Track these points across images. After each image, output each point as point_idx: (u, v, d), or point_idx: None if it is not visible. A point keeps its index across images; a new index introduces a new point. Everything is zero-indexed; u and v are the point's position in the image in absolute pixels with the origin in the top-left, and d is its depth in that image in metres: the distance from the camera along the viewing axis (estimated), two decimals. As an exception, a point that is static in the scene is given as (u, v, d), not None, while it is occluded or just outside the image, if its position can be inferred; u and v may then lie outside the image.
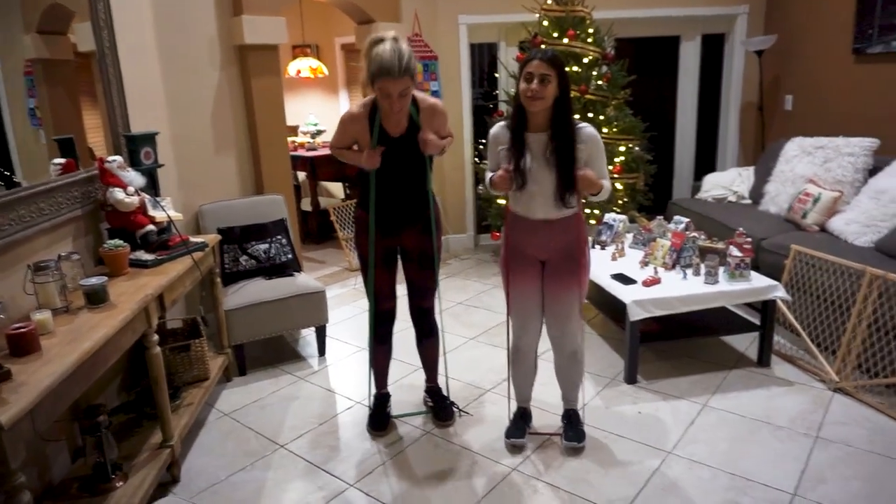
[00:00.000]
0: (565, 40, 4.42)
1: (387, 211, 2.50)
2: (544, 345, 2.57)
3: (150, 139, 2.89)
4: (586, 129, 2.26)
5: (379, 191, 2.46)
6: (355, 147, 2.48)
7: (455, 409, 2.82)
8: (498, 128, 2.36)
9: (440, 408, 2.80)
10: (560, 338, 2.46)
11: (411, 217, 2.53)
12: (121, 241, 2.44)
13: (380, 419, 2.75)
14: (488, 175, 2.40)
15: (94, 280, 2.09)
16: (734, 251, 3.06)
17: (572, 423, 2.58)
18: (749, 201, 4.58)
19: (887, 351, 2.77)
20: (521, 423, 2.62)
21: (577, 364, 2.51)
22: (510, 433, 2.58)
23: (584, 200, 2.39)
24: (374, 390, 2.81)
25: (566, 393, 2.61)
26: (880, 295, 2.79)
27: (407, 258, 2.62)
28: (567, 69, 4.58)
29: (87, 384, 1.83)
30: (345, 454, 2.59)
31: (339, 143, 2.51)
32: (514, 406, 2.68)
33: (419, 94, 2.44)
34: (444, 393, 2.87)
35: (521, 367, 2.58)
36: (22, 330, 1.74)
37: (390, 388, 2.89)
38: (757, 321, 3.20)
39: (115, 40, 2.83)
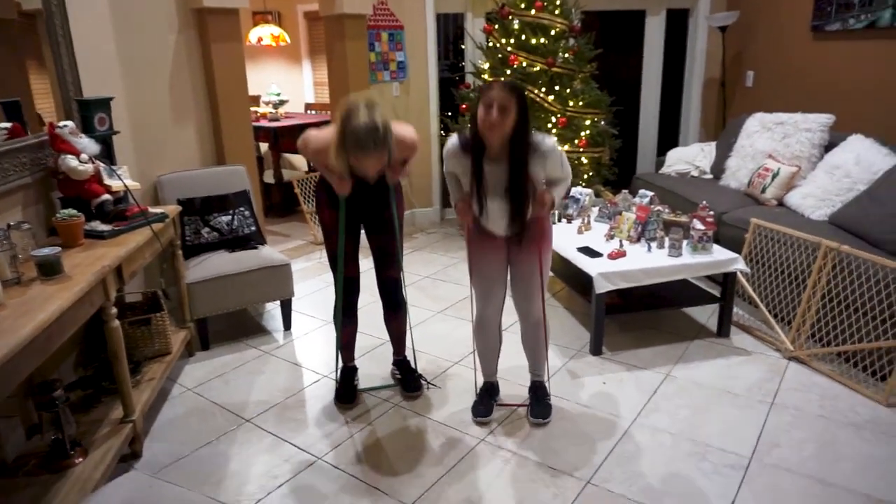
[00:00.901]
0: (532, 11, 4.38)
1: (349, 215, 2.51)
2: (511, 318, 2.59)
3: (104, 104, 2.76)
4: (545, 142, 2.20)
5: (347, 201, 2.47)
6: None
7: (423, 382, 2.82)
8: (453, 147, 2.27)
9: (408, 380, 2.80)
10: (525, 306, 2.48)
11: (372, 210, 2.55)
12: (74, 211, 2.33)
13: (347, 392, 2.74)
14: (452, 200, 2.42)
15: (46, 250, 2.00)
16: (697, 224, 3.11)
17: (539, 397, 2.61)
18: (710, 176, 4.66)
19: (839, 321, 2.88)
20: (486, 398, 2.63)
21: (542, 332, 2.54)
22: (476, 411, 2.59)
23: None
24: (340, 364, 2.79)
25: (532, 364, 2.63)
26: (834, 266, 2.89)
27: (369, 226, 2.60)
28: (534, 41, 4.54)
29: (41, 358, 1.76)
30: (312, 428, 2.57)
31: (318, 146, 2.36)
32: (480, 380, 2.70)
33: (395, 130, 2.26)
34: (412, 366, 2.86)
35: (485, 339, 2.59)
36: (-30, 302, 1.66)
37: (358, 362, 2.87)
38: (717, 293, 3.28)
39: (64, -1, 2.68)
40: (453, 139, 2.29)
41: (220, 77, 3.71)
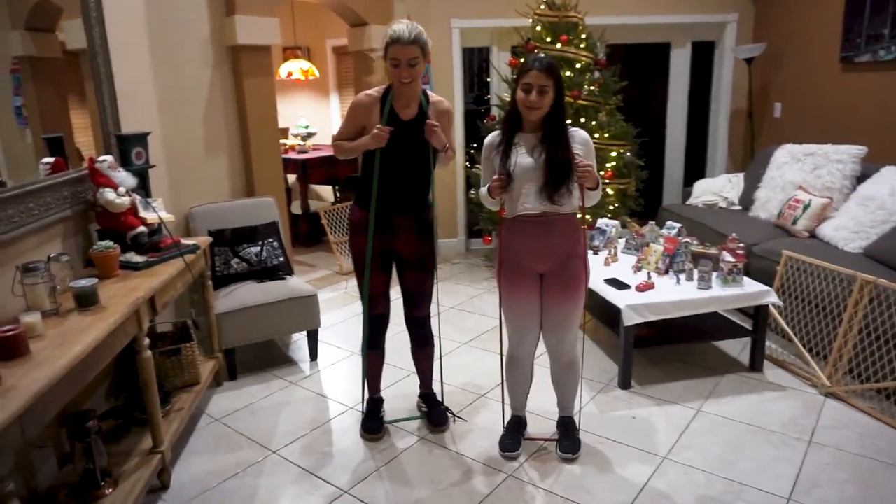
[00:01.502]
0: (558, 45, 4.43)
1: (387, 198, 2.48)
2: (541, 348, 2.56)
3: (141, 139, 2.85)
4: (579, 132, 2.31)
5: (382, 175, 2.45)
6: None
7: (449, 415, 2.80)
8: (491, 137, 2.38)
9: (434, 413, 2.78)
10: (558, 347, 2.44)
11: (409, 208, 2.52)
12: (111, 243, 2.40)
13: (373, 423, 2.73)
14: (483, 190, 2.38)
15: (84, 282, 2.05)
16: (727, 256, 3.07)
17: (568, 432, 2.57)
18: (739, 207, 4.61)
19: (878, 356, 2.79)
20: (515, 433, 2.60)
21: (574, 373, 2.50)
22: (504, 446, 2.55)
23: (587, 216, 2.39)
24: (367, 395, 2.79)
25: (562, 401, 2.59)
26: (871, 300, 2.82)
27: (402, 263, 2.59)
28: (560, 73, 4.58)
29: (77, 389, 1.79)
30: (338, 460, 2.55)
31: (344, 134, 2.51)
32: (508, 413, 2.66)
33: (431, 92, 2.54)
34: (439, 398, 2.85)
35: (517, 376, 2.56)
36: (10, 333, 1.70)
37: (384, 394, 2.86)
38: (749, 326, 3.22)
39: (107, 38, 2.79)
40: (495, 132, 2.39)
41: (251, 111, 3.80)
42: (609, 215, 4.46)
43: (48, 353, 1.72)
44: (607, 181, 4.51)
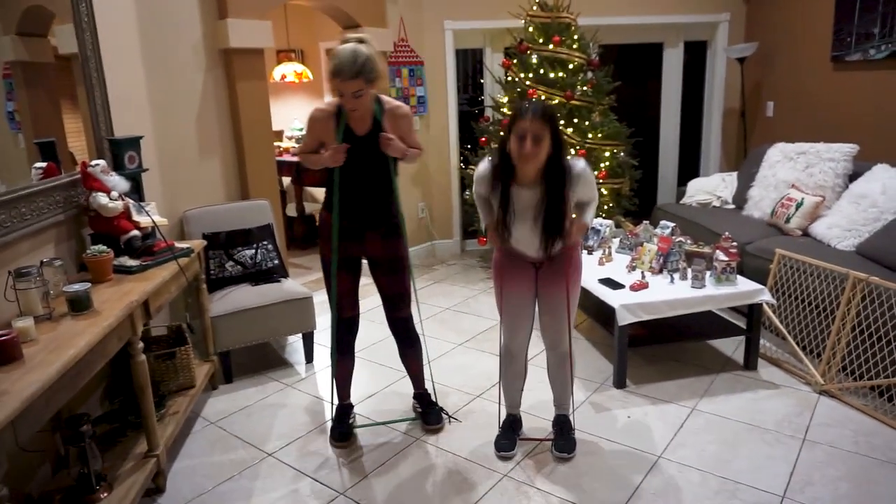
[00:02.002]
0: (550, 46, 4.45)
1: (350, 212, 2.48)
2: (537, 348, 2.57)
3: (134, 143, 2.84)
4: (577, 166, 2.19)
5: (343, 190, 2.44)
6: (322, 151, 2.45)
7: (444, 415, 2.80)
8: (485, 171, 2.26)
9: (428, 413, 2.78)
10: (554, 339, 2.46)
11: (375, 220, 2.51)
12: (104, 247, 2.39)
13: (341, 431, 2.70)
14: (483, 224, 2.41)
15: (77, 286, 2.05)
16: (720, 255, 3.08)
17: (563, 431, 2.58)
18: (733, 206, 4.63)
19: (871, 353, 2.81)
20: (510, 433, 2.61)
21: (568, 367, 2.51)
22: (500, 445, 2.56)
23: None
24: (336, 401, 2.76)
25: (558, 397, 2.60)
26: (863, 298, 2.83)
27: (374, 266, 2.59)
28: (553, 75, 4.60)
29: (71, 393, 1.79)
30: (334, 462, 2.55)
31: (306, 148, 2.51)
32: (504, 413, 2.67)
33: (385, 98, 2.47)
34: (433, 399, 2.85)
35: (511, 370, 2.57)
36: (3, 338, 1.69)
37: (382, 395, 2.86)
38: (743, 325, 3.23)
39: (99, 43, 2.79)
40: (485, 163, 2.27)
41: (245, 114, 3.80)
42: (603, 215, 4.47)
43: (41, 358, 1.72)
44: (601, 181, 4.52)
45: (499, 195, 2.21)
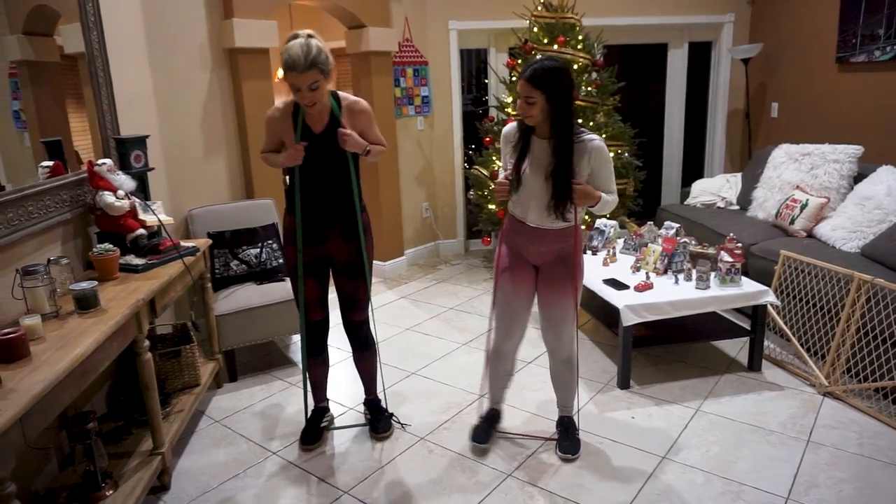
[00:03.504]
0: (555, 47, 4.45)
1: (311, 211, 2.46)
2: (541, 348, 2.57)
3: (140, 142, 2.85)
4: (593, 141, 2.21)
5: (304, 190, 2.43)
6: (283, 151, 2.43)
7: (394, 422, 2.78)
8: (510, 126, 2.36)
9: (377, 420, 2.74)
10: (556, 343, 2.45)
11: (335, 218, 2.48)
12: (111, 246, 2.40)
13: (311, 433, 2.68)
14: (501, 174, 2.37)
15: (84, 284, 2.06)
16: (725, 256, 3.08)
17: (568, 432, 2.58)
18: (737, 207, 4.63)
19: (876, 355, 2.80)
20: (488, 425, 2.63)
21: (572, 370, 2.51)
22: (476, 436, 2.59)
23: (585, 216, 2.38)
24: (311, 404, 2.75)
25: (561, 399, 2.60)
26: (868, 300, 2.83)
27: (335, 269, 2.57)
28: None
29: (77, 391, 1.80)
30: (338, 460, 2.56)
31: (267, 147, 2.50)
32: (486, 405, 2.68)
33: (343, 94, 2.44)
34: (384, 405, 2.82)
35: (499, 370, 2.58)
36: (11, 336, 1.70)
37: (393, 397, 2.86)
38: (747, 326, 3.23)
39: (105, 42, 2.80)
40: (513, 123, 2.36)
41: (249, 114, 3.81)
42: (607, 216, 4.47)
43: (48, 356, 1.73)
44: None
45: (519, 145, 2.27)
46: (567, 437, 2.56)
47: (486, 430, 2.61)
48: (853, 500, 2.20)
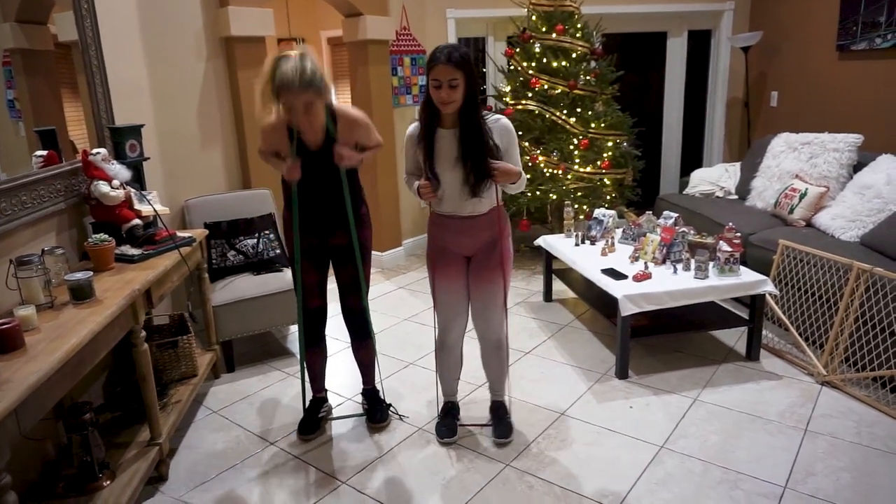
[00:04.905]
0: (553, 35, 4.42)
1: (308, 221, 2.47)
2: (536, 340, 2.56)
3: (135, 131, 2.83)
4: (500, 121, 2.23)
5: (301, 203, 2.43)
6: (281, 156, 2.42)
7: (391, 412, 2.78)
8: (412, 129, 2.32)
9: (375, 411, 2.74)
10: (485, 328, 2.46)
11: (333, 228, 2.50)
12: (106, 236, 2.39)
13: (309, 423, 2.67)
14: (414, 184, 2.35)
15: (79, 275, 2.04)
16: (724, 246, 3.07)
17: (500, 416, 2.61)
18: (736, 197, 4.61)
19: (874, 344, 2.80)
20: (449, 419, 2.64)
21: (502, 354, 2.53)
22: (441, 433, 2.59)
23: (503, 195, 2.36)
24: (309, 394, 2.74)
25: (493, 384, 2.63)
26: (867, 289, 2.82)
27: (334, 256, 2.57)
28: (556, 64, 4.57)
29: (73, 382, 1.79)
30: (336, 451, 2.56)
31: (264, 149, 2.46)
32: (441, 401, 2.69)
33: (340, 107, 2.40)
34: (381, 395, 2.81)
35: (447, 362, 2.59)
36: (5, 326, 1.69)
37: (390, 387, 2.86)
38: (746, 316, 3.22)
39: (99, 30, 2.77)
40: (414, 124, 2.32)
41: (246, 103, 3.78)
42: (606, 205, 4.46)
43: (43, 347, 1.72)
44: (604, 171, 4.50)
45: (423, 143, 2.23)
46: (500, 422, 2.59)
47: (451, 425, 2.61)
48: (851, 488, 2.21)
